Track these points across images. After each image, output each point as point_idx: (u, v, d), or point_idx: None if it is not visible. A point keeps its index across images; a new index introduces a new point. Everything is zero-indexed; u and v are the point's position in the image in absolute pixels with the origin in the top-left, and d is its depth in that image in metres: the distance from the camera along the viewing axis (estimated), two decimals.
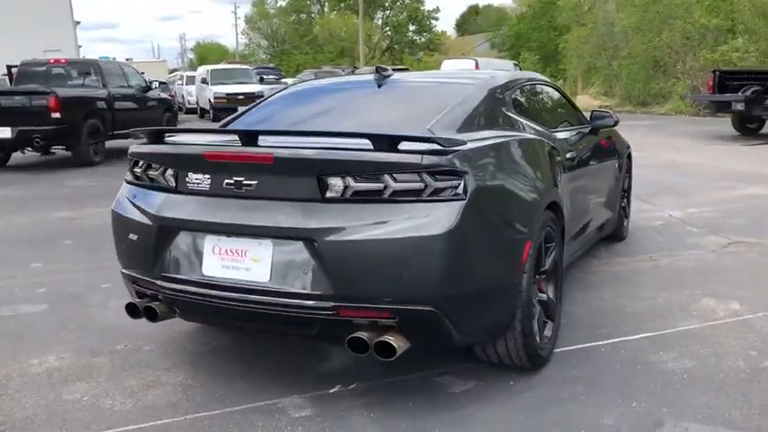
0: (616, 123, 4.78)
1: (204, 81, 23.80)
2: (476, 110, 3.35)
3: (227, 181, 2.80)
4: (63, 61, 12.87)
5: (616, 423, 2.77)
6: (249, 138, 2.80)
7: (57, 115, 10.73)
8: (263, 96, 22.45)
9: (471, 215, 2.64)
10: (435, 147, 2.63)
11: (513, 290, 2.94)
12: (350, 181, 2.64)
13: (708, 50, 21.67)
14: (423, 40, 55.48)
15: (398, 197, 2.62)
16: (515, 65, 27.03)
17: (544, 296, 3.30)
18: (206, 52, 72.44)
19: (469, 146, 2.79)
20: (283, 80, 30.35)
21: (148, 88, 13.59)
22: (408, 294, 2.61)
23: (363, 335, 2.62)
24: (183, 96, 26.44)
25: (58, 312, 4.23)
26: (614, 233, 5.46)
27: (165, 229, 2.93)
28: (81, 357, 3.55)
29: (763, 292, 4.33)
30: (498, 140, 3.12)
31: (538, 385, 3.12)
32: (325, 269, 2.64)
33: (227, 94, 22.01)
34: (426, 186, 2.61)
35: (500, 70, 5.84)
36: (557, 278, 3.48)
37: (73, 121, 10.97)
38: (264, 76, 26.62)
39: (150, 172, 3.08)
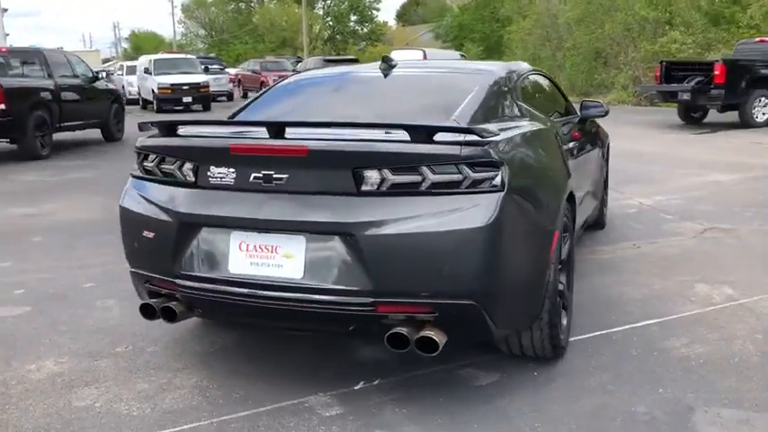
0: (606, 113, 4.84)
1: (147, 71, 23.03)
2: (493, 100, 3.32)
3: (254, 175, 2.69)
4: (3, 50, 12.23)
5: (649, 410, 2.79)
6: (277, 129, 2.69)
7: (1, 107, 10.20)
8: (208, 87, 21.75)
9: (508, 207, 2.61)
10: (473, 138, 2.58)
11: (543, 281, 2.93)
12: (387, 173, 2.56)
13: (648, 42, 22.29)
14: (365, 30, 55.20)
15: (436, 189, 2.56)
16: (461, 55, 27.17)
17: (561, 285, 3.30)
18: (142, 42, 70.30)
19: (502, 136, 2.76)
20: (226, 70, 29.77)
21: (96, 78, 13.08)
22: (448, 288, 2.56)
23: (403, 330, 2.56)
24: (123, 87, 25.57)
25: (45, 314, 4.01)
26: (596, 221, 5.54)
27: (186, 226, 2.79)
28: (82, 361, 3.37)
29: (750, 277, 4.46)
30: (525, 130, 3.10)
31: (561, 375, 3.13)
32: (362, 264, 2.56)
33: (172, 85, 21.36)
34: (465, 178, 2.56)
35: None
36: (570, 267, 3.50)
37: (18, 112, 10.45)
38: (209, 66, 25.98)
39: (164, 166, 2.93)
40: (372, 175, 2.58)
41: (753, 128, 13.34)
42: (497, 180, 2.59)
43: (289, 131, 2.72)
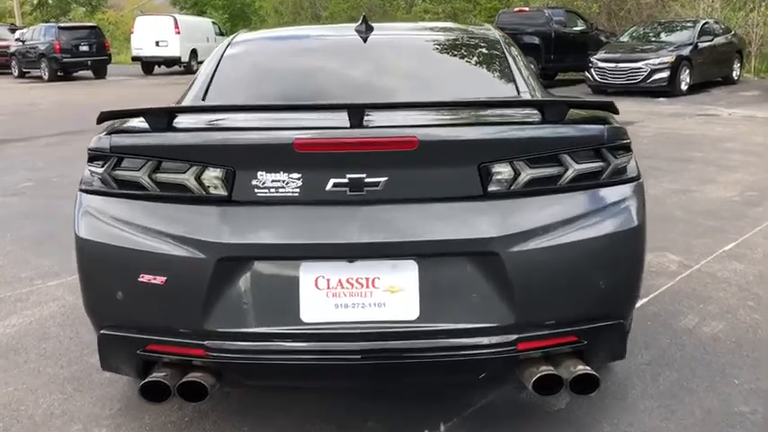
0: None
1: None
2: (528, 68, 2.79)
3: (334, 181, 1.87)
4: None
5: (752, 408, 2.55)
6: (357, 115, 1.89)
7: None
8: None
9: (643, 196, 2.15)
10: (607, 115, 2.06)
11: None
12: (522, 166, 1.93)
13: (402, 11, 23.01)
14: None
15: (577, 183, 2.00)
16: (213, 23, 25.62)
17: None
18: None
19: None
20: None
21: None
22: (600, 307, 2.04)
23: (550, 370, 1.98)
24: None
25: None
26: None
27: (227, 263, 1.87)
28: None
29: (678, 240, 4.52)
30: None
31: (626, 382, 2.77)
32: (505, 290, 1.91)
33: None
34: (608, 166, 2.03)
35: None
36: None
37: None
38: None
39: (162, 175, 1.94)
40: (504, 171, 1.93)
41: None
42: (632, 165, 2.11)
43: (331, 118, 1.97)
